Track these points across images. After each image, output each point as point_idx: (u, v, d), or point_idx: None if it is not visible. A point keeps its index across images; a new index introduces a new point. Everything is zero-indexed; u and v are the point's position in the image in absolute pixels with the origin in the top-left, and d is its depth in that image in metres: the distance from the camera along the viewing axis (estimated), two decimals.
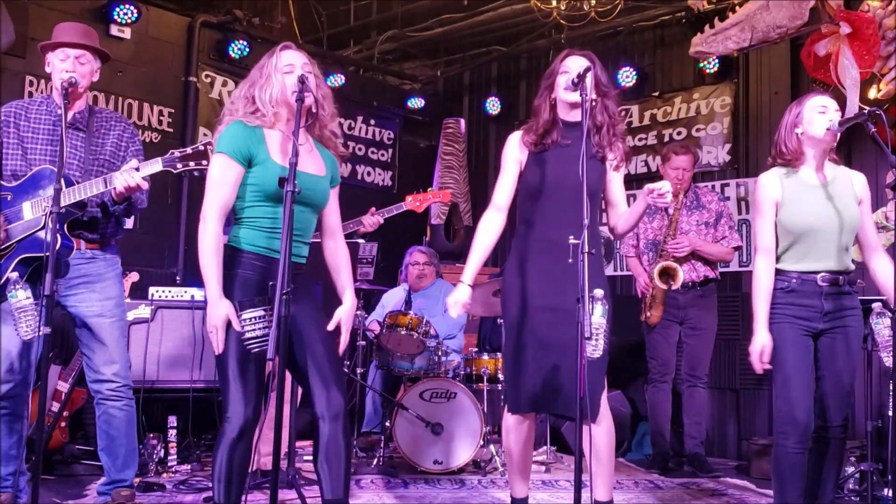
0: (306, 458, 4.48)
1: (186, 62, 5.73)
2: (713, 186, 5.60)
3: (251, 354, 2.38)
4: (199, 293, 4.33)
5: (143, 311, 4.46)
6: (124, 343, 3.31)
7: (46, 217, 2.97)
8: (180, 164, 2.94)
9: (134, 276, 4.63)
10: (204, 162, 2.88)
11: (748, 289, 5.37)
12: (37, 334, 2.69)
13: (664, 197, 2.70)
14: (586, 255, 2.44)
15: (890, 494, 3.68)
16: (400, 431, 4.39)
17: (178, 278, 5.50)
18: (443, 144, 7.01)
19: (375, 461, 4.49)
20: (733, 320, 5.36)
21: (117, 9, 5.23)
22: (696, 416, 4.67)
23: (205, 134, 5.61)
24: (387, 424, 4.53)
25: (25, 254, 3.03)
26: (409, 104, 7.20)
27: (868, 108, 3.21)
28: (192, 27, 5.74)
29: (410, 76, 7.55)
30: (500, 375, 4.53)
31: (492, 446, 4.50)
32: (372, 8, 7.08)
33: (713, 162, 5.81)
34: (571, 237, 2.64)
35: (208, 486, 3.62)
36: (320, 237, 2.78)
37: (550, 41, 6.60)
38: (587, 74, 2.69)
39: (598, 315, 2.47)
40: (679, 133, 5.99)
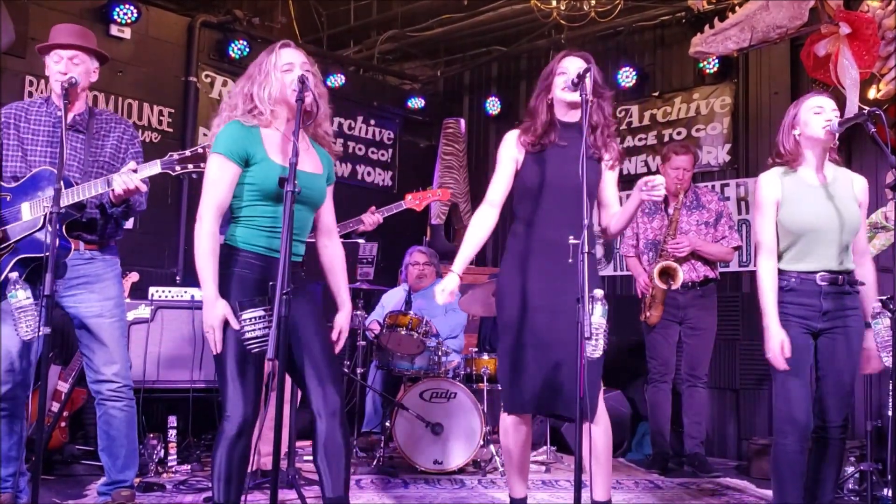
0: (306, 458, 4.48)
1: (186, 62, 5.74)
2: (713, 186, 5.60)
3: (249, 353, 2.38)
4: (200, 293, 4.30)
5: (143, 312, 4.47)
6: (124, 343, 3.30)
7: (46, 218, 2.97)
8: (179, 167, 2.95)
9: (134, 277, 4.64)
10: (202, 164, 2.87)
11: (748, 289, 5.44)
12: (37, 334, 2.70)
13: (657, 189, 2.69)
14: (586, 256, 2.45)
15: (890, 494, 3.68)
16: (400, 431, 4.39)
17: (178, 278, 5.50)
18: (443, 144, 7.02)
19: (375, 461, 4.49)
20: (733, 320, 5.36)
21: (117, 9, 5.23)
22: (696, 416, 4.68)
23: (205, 134, 5.60)
24: (387, 424, 4.53)
25: (23, 254, 3.03)
26: (410, 104, 7.20)
27: (868, 109, 3.21)
28: (192, 27, 5.75)
29: (410, 76, 7.55)
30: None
31: (492, 446, 4.50)
32: (372, 8, 7.08)
33: (713, 162, 5.81)
34: (571, 237, 2.64)
35: (208, 487, 3.61)
36: (315, 236, 2.78)
37: (550, 41, 6.60)
38: (587, 75, 2.70)
39: (598, 315, 2.48)
40: (679, 133, 5.99)
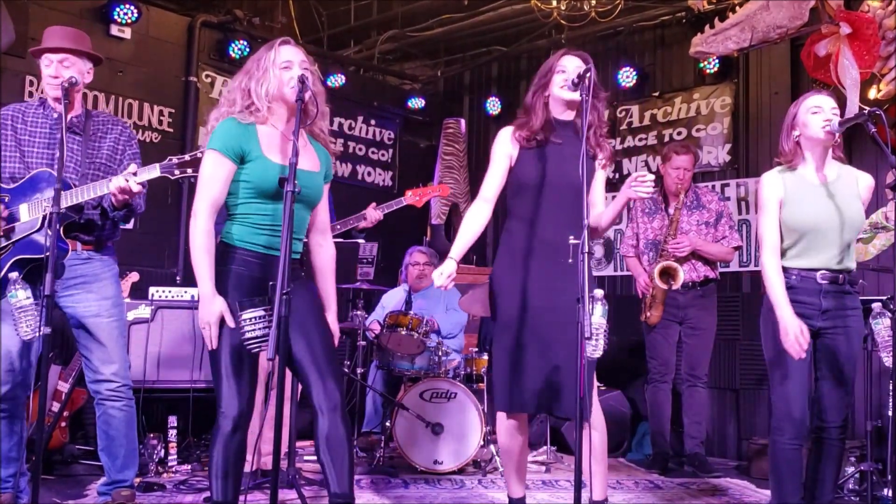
0: (306, 458, 4.49)
1: (186, 62, 5.74)
2: (713, 186, 5.60)
3: (244, 350, 2.37)
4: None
5: (143, 311, 4.47)
6: (123, 343, 3.30)
7: (45, 218, 2.98)
8: (178, 171, 2.96)
9: (134, 276, 4.64)
10: None
11: (748, 289, 5.45)
12: (37, 334, 2.70)
13: (646, 185, 2.68)
14: (586, 256, 2.44)
15: (889, 494, 3.68)
16: (400, 431, 4.39)
17: (178, 278, 5.50)
18: (443, 144, 7.01)
19: (375, 461, 4.48)
20: (733, 320, 5.36)
21: (117, 9, 5.23)
22: (696, 416, 4.68)
23: (205, 134, 5.60)
24: (387, 424, 4.53)
25: (21, 255, 3.03)
26: (410, 104, 7.20)
27: (868, 109, 3.21)
28: (193, 27, 5.74)
29: (411, 76, 7.55)
30: None
31: (492, 446, 4.50)
32: (372, 8, 7.07)
33: (713, 162, 5.80)
34: (572, 237, 2.64)
35: (208, 486, 3.61)
36: (308, 234, 2.75)
37: (551, 41, 6.59)
38: (587, 75, 2.69)
39: (598, 315, 2.48)
40: (679, 133, 5.98)
